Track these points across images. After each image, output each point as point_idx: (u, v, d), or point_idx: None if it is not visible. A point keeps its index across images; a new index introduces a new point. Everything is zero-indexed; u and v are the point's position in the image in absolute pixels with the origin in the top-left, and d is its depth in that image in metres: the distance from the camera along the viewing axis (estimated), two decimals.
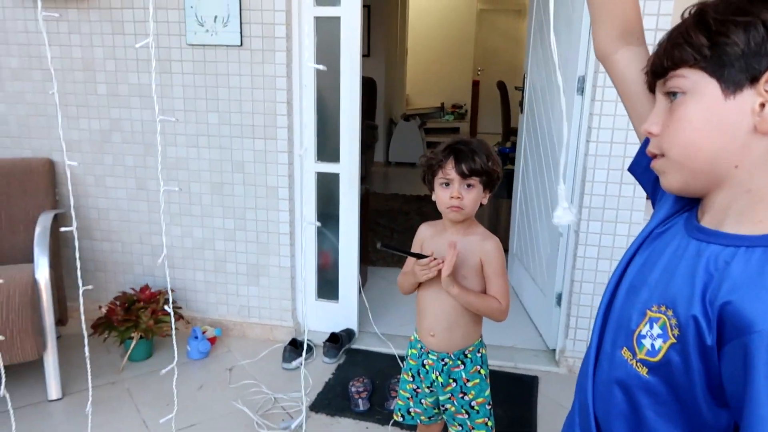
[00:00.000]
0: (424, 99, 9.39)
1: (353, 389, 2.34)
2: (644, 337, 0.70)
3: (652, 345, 0.69)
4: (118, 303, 2.55)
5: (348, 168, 2.64)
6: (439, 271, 1.49)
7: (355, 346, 2.74)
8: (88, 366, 1.35)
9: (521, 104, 3.24)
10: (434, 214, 1.60)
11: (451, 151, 1.49)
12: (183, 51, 2.54)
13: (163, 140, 2.65)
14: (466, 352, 1.61)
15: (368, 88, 6.27)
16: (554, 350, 2.65)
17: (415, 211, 4.93)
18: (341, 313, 2.79)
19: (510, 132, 6.88)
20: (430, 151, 1.56)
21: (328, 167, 2.66)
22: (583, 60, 2.34)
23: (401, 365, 2.52)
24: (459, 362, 1.60)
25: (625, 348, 0.73)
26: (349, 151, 2.62)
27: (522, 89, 3.22)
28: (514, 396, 2.37)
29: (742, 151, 0.65)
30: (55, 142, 2.74)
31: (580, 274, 2.44)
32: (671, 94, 0.69)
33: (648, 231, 0.80)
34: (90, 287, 1.24)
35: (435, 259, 1.50)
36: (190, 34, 2.50)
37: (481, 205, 1.55)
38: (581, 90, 2.36)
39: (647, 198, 0.91)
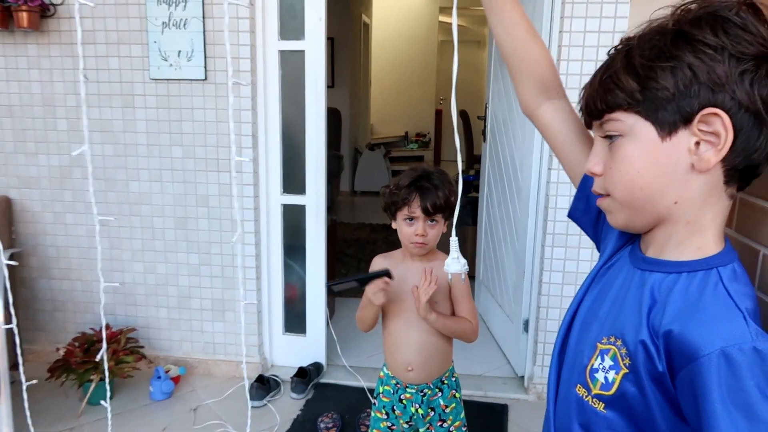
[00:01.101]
0: (389, 128, 9.49)
1: (322, 425, 2.29)
2: (597, 370, 0.69)
3: (606, 378, 0.68)
4: (77, 344, 2.46)
5: (314, 199, 2.64)
6: (411, 300, 1.50)
7: (323, 380, 2.70)
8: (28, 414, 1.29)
9: (484, 133, 3.30)
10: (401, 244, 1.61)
11: (415, 188, 1.50)
12: (146, 85, 2.52)
13: (125, 175, 2.61)
14: (443, 379, 1.61)
15: (333, 118, 6.32)
16: (523, 377, 2.66)
17: (382, 240, 4.94)
18: (309, 347, 2.75)
19: (473, 159, 7.00)
20: (394, 184, 1.56)
21: (294, 199, 2.65)
22: None
23: (371, 399, 2.49)
24: (437, 390, 1.60)
25: (579, 385, 0.73)
26: (315, 182, 2.62)
27: (484, 119, 3.29)
28: (484, 425, 2.36)
29: (682, 188, 0.66)
30: (12, 179, 2.66)
31: (545, 300, 2.47)
32: (609, 136, 0.70)
33: (597, 268, 0.82)
34: None
35: (387, 276, 1.48)
36: (153, 69, 2.48)
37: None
38: None
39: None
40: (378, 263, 1.64)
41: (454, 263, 1.01)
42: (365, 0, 7.69)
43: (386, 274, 1.48)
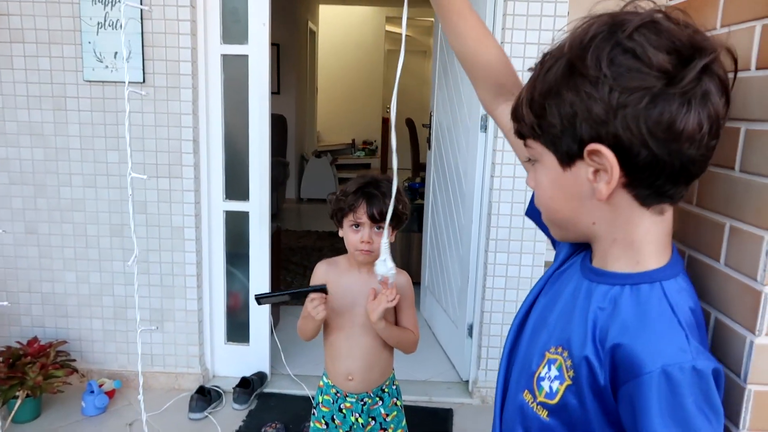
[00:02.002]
0: (335, 136, 9.47)
1: None
2: (543, 379, 0.70)
3: (550, 387, 0.69)
4: (1, 359, 2.32)
5: (258, 206, 2.59)
6: (355, 310, 1.49)
7: (267, 389, 2.64)
8: None
9: (429, 141, 3.34)
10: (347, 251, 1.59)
11: (362, 194, 1.48)
12: (80, 87, 2.42)
13: (56, 180, 2.49)
14: (384, 387, 1.60)
15: (279, 125, 6.25)
16: (467, 381, 2.68)
17: (328, 247, 4.90)
18: (252, 356, 2.69)
19: (419, 167, 7.07)
20: (341, 191, 1.55)
21: (237, 206, 2.60)
22: None
23: None
24: (378, 399, 1.59)
25: (526, 390, 0.73)
26: (258, 189, 2.57)
27: (429, 127, 3.32)
28: (429, 430, 2.36)
29: (594, 212, 0.67)
30: None
31: (489, 304, 2.51)
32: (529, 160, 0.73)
33: (550, 272, 0.82)
34: None
35: (323, 292, 1.46)
36: (87, 70, 2.39)
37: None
38: (484, 127, 2.47)
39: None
40: (322, 270, 1.61)
41: (381, 265, 1.01)
42: (312, 7, 7.67)
43: (322, 289, 1.45)
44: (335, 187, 7.13)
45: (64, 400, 2.46)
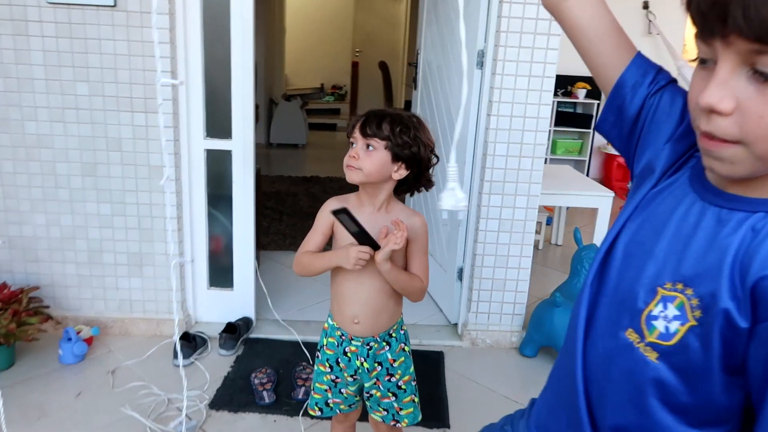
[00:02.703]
0: (304, 80, 9.17)
1: (256, 381, 2.19)
2: (656, 318, 0.62)
3: (666, 327, 0.61)
4: None
5: (241, 144, 2.45)
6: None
7: (253, 335, 2.57)
8: None
9: (415, 81, 3.21)
10: (324, 195, 1.50)
11: (365, 115, 1.41)
12: (42, 11, 2.19)
13: (20, 114, 2.28)
14: (391, 332, 1.54)
15: None
16: (456, 324, 2.67)
17: (303, 192, 4.78)
18: (237, 301, 2.61)
19: None
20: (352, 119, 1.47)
21: (219, 144, 2.45)
22: (482, 33, 2.34)
23: (305, 352, 2.41)
24: (384, 344, 1.53)
25: (630, 329, 0.65)
26: (242, 126, 2.43)
27: (415, 65, 3.19)
28: (421, 373, 2.33)
29: None
30: None
31: (481, 247, 2.47)
32: (761, 74, 0.53)
33: (643, 193, 0.72)
34: None
35: (375, 248, 1.38)
36: None
37: (401, 187, 1.45)
38: (480, 64, 2.36)
39: (621, 153, 0.83)
40: (332, 207, 1.53)
41: (449, 196, 0.87)
42: None
43: (376, 246, 1.38)
44: (305, 132, 6.93)
45: (40, 348, 2.33)
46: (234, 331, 2.46)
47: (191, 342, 2.37)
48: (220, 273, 2.62)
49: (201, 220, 2.51)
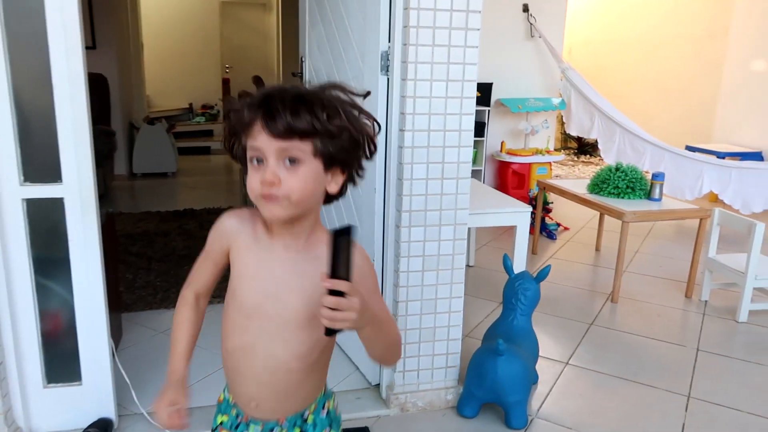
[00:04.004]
0: (169, 100, 8.32)
1: None
2: None
3: None
4: None
5: (77, 188, 1.81)
6: (269, 304, 0.99)
7: None
8: None
9: None
10: (201, 232, 1.01)
11: (261, 104, 0.88)
12: None
13: None
14: (306, 415, 1.06)
15: (98, 86, 5.14)
16: (378, 386, 2.19)
17: (175, 230, 4.07)
18: (89, 399, 1.93)
19: None
20: (236, 99, 0.94)
21: (43, 190, 1.79)
22: (385, 30, 1.89)
23: None
24: (297, 429, 1.04)
25: None
26: (76, 165, 1.79)
27: (300, 75, 2.69)
28: None
29: None
30: None
31: (404, 292, 2.01)
32: None
33: None
34: None
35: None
36: None
37: (331, 197, 0.97)
38: (386, 69, 1.92)
39: None
40: (229, 225, 1.04)
41: None
42: None
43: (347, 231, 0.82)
44: (175, 159, 6.16)
45: None
46: None
47: None
48: (62, 363, 1.93)
49: (24, 295, 1.83)
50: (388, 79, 1.92)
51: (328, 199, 0.98)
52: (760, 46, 5.81)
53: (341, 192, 0.98)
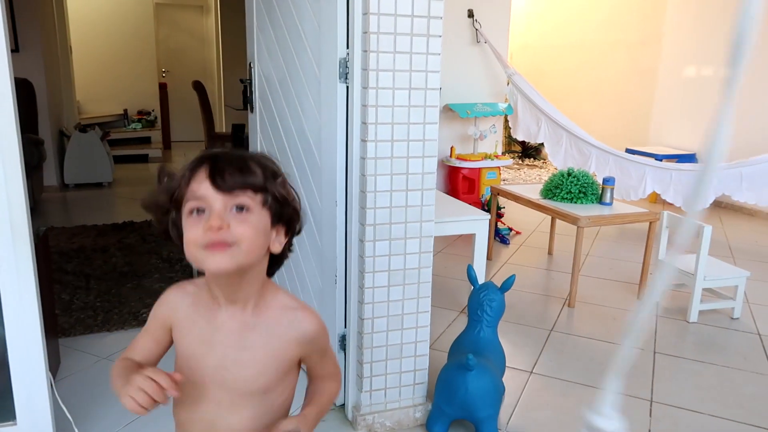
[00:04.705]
0: (102, 106, 7.93)
1: None
2: None
3: None
4: None
5: (5, 207, 1.63)
6: (218, 374, 0.96)
7: None
8: None
9: (250, 102, 2.58)
10: (143, 245, 0.94)
11: (204, 159, 0.88)
12: None
13: None
14: None
15: (23, 91, 4.80)
16: (343, 406, 2.10)
17: (115, 245, 3.83)
18: None
19: (215, 138, 6.14)
20: (167, 177, 0.93)
21: None
22: (342, 36, 1.80)
23: None
24: None
25: None
26: (4, 182, 1.61)
27: (248, 83, 2.56)
28: None
29: None
30: None
31: (370, 309, 1.93)
32: None
33: None
34: None
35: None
36: None
37: (275, 258, 0.96)
38: (344, 75, 1.83)
39: None
40: (174, 301, 0.99)
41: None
42: None
43: None
44: (110, 167, 5.84)
45: None
46: None
47: None
48: None
49: None
50: (347, 86, 1.84)
51: (271, 263, 0.96)
52: (692, 53, 6.08)
53: (282, 256, 0.96)
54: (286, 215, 0.92)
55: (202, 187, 0.85)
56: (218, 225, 0.83)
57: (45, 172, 5.34)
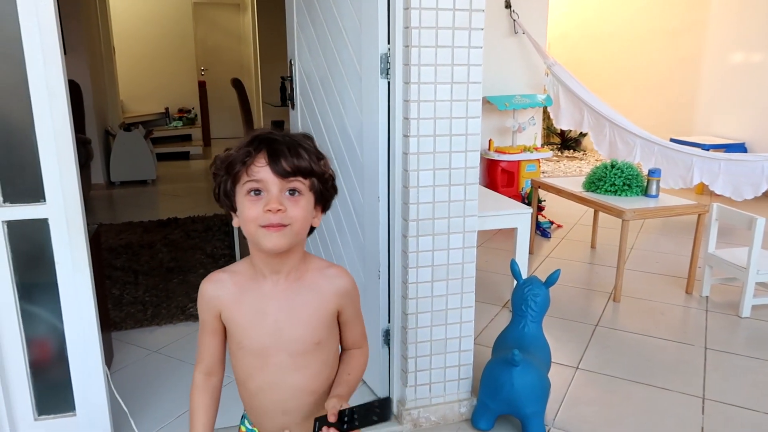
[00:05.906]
0: (144, 105, 8.12)
1: None
2: None
3: None
4: None
5: (62, 207, 1.69)
6: (278, 344, 1.06)
7: None
8: None
9: (291, 98, 2.60)
10: (187, 241, 0.97)
11: (261, 141, 0.97)
12: None
13: None
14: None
15: (71, 93, 4.94)
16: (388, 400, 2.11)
17: (161, 241, 3.93)
18: (84, 430, 1.82)
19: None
20: (226, 151, 1.02)
21: (25, 211, 1.67)
22: (383, 31, 1.80)
23: None
24: None
25: None
26: (60, 183, 1.67)
27: (290, 80, 2.59)
28: None
29: None
30: None
31: (413, 304, 1.93)
32: None
33: None
34: None
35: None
36: None
37: (312, 230, 1.05)
38: (386, 72, 1.83)
39: None
40: (214, 291, 1.07)
41: None
42: None
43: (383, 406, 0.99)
44: (154, 165, 5.99)
45: None
46: None
47: None
48: (53, 393, 1.81)
49: (9, 323, 1.70)
50: (388, 82, 1.83)
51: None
52: (738, 39, 5.86)
53: (313, 227, 1.06)
54: (327, 195, 1.04)
55: (261, 171, 0.95)
56: (277, 208, 0.94)
57: (92, 170, 5.51)
